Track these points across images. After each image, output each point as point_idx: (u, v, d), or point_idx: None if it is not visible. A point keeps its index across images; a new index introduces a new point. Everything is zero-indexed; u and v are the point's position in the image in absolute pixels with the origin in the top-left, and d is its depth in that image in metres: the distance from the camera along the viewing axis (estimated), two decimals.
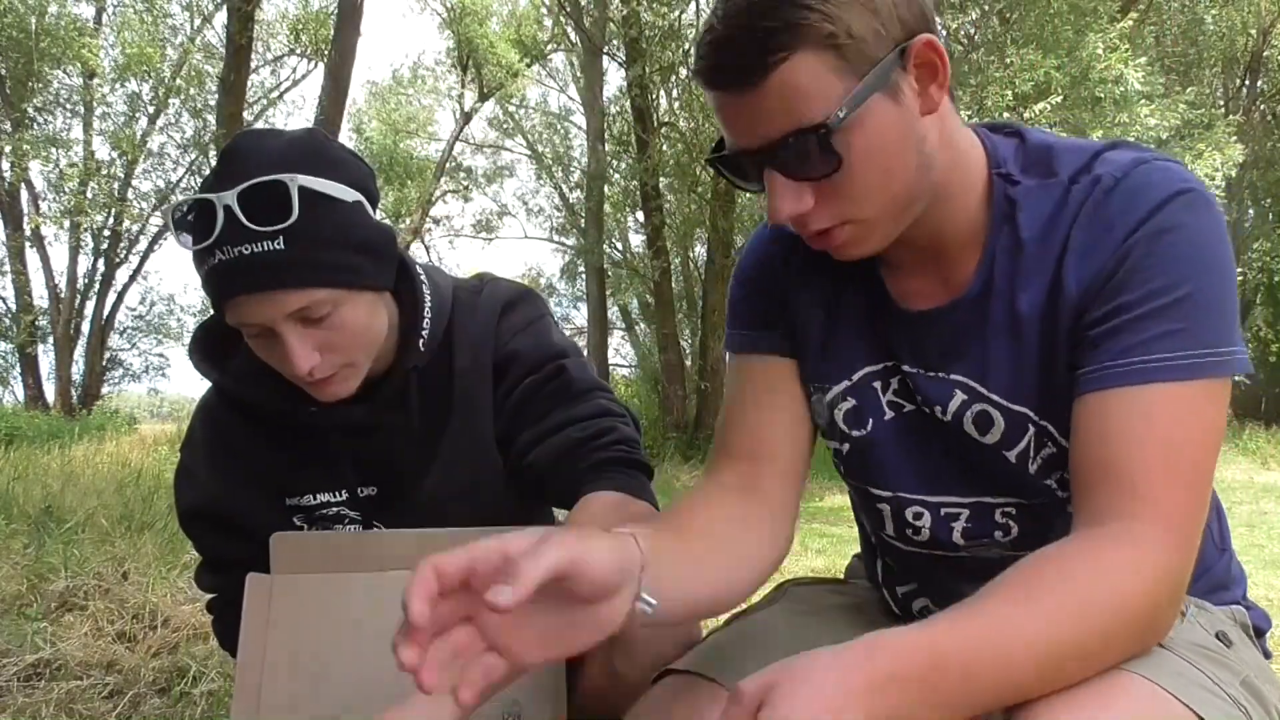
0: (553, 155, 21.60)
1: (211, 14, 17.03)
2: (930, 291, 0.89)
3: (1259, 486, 8.70)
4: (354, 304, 1.04)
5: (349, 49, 10.29)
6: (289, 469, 1.18)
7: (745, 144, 0.80)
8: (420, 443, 1.16)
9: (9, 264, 16.92)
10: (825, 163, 0.77)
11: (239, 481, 1.19)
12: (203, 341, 1.20)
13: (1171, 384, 0.74)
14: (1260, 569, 4.08)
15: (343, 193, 1.03)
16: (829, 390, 0.96)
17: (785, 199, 0.79)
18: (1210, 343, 0.75)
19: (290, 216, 0.97)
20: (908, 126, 0.79)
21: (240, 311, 1.01)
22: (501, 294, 1.22)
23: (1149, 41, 13.00)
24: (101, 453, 8.10)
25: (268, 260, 0.97)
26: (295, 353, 1.00)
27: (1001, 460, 0.88)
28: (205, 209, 0.98)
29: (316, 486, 1.18)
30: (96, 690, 2.16)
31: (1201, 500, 0.75)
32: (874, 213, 0.80)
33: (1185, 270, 0.76)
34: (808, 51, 0.74)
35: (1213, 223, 0.78)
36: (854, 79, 0.75)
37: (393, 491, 1.18)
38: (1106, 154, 0.83)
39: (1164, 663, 0.73)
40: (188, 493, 1.22)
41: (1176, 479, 0.73)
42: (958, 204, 0.85)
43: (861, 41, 0.74)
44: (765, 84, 0.75)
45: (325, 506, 1.19)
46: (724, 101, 0.79)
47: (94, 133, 17.41)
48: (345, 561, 1.09)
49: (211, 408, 1.22)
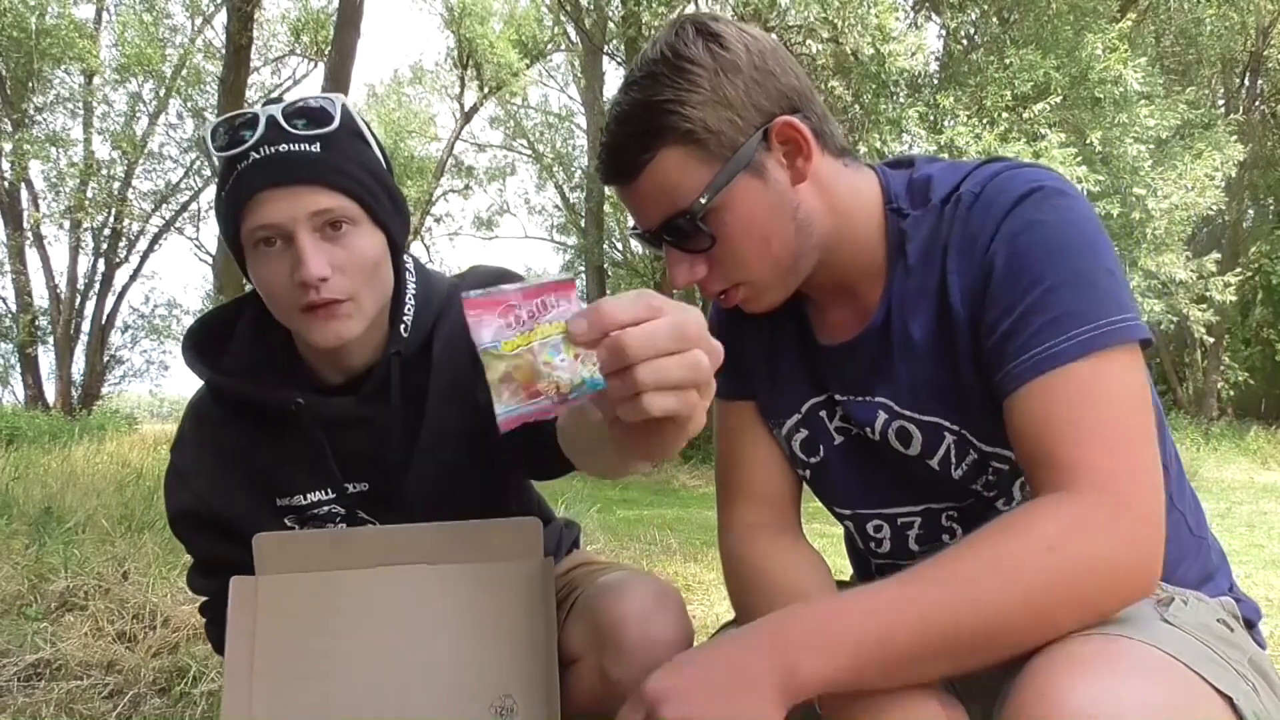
0: (553, 155, 21.61)
1: (212, 14, 17.05)
2: (846, 323, 0.98)
3: (1259, 486, 8.70)
4: (369, 233, 1.06)
5: (349, 49, 10.29)
6: (279, 468, 1.17)
7: (640, 226, 0.94)
8: (403, 434, 1.16)
9: (9, 264, 16.93)
10: (700, 240, 0.89)
11: (229, 483, 1.18)
12: (194, 339, 1.19)
13: (1068, 365, 0.78)
14: (1260, 569, 4.07)
15: (373, 142, 1.10)
16: (784, 424, 1.05)
17: (680, 270, 0.92)
18: (1093, 316, 0.79)
19: (332, 124, 1.03)
20: (778, 198, 0.89)
21: (262, 210, 1.01)
22: (480, 276, 1.22)
23: (1148, 41, 13.00)
24: (102, 453, 8.10)
25: (304, 159, 1.01)
26: (309, 255, 1.00)
27: (926, 469, 0.95)
28: (248, 119, 1.02)
29: (307, 486, 1.18)
30: (96, 690, 2.16)
31: (1135, 460, 0.77)
32: (759, 276, 0.92)
33: (1045, 262, 0.81)
34: (672, 148, 0.86)
35: (1065, 209, 0.84)
36: (717, 164, 0.86)
37: (381, 485, 1.18)
38: (973, 173, 0.90)
39: (1176, 636, 0.75)
40: (177, 494, 1.21)
41: (1099, 444, 0.76)
42: (854, 246, 0.94)
43: (719, 134, 0.86)
44: (641, 178, 0.89)
45: (316, 506, 1.18)
46: (617, 193, 0.94)
47: (94, 132, 17.44)
48: (330, 559, 1.09)
49: (202, 408, 1.21)
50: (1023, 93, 9.87)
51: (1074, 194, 0.85)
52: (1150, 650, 0.70)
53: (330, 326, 1.05)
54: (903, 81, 10.65)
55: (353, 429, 1.15)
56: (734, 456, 1.09)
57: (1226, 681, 0.72)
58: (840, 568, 1.25)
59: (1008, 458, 0.90)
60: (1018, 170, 0.88)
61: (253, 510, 1.17)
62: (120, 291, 17.80)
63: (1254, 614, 0.97)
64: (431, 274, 1.22)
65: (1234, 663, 0.76)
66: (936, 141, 9.81)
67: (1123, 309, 0.80)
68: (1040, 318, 0.80)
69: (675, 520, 5.82)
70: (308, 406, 1.12)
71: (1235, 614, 0.93)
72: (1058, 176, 0.87)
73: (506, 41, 18.31)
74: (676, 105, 0.85)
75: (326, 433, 1.15)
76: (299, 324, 1.07)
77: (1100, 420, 0.77)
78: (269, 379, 1.13)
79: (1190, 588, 0.91)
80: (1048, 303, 0.80)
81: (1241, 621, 0.93)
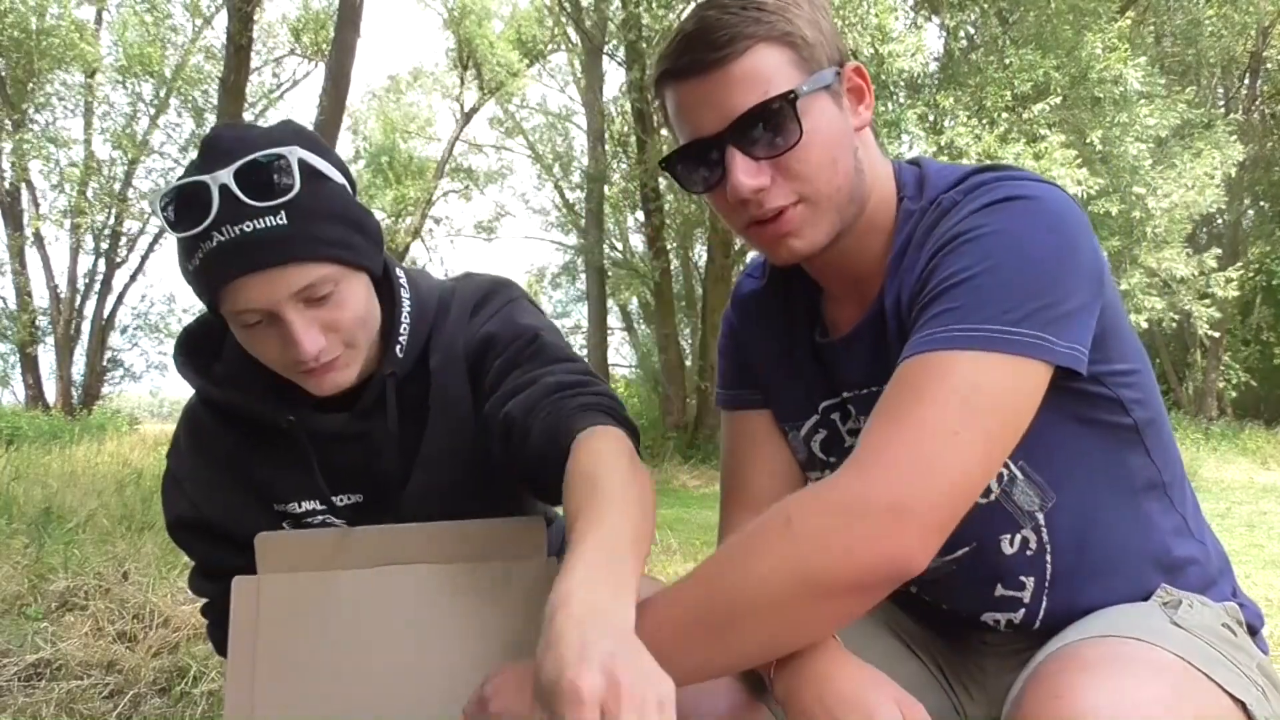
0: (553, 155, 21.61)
1: (212, 15, 17.03)
2: (849, 319, 0.98)
3: (1259, 487, 8.71)
4: (353, 282, 1.02)
5: (349, 49, 10.28)
6: (272, 477, 1.16)
7: (710, 127, 0.87)
8: (401, 449, 1.15)
9: (9, 264, 16.93)
10: (788, 133, 0.85)
11: (225, 489, 1.17)
12: (186, 346, 1.18)
13: (926, 354, 0.77)
14: (1260, 569, 4.07)
15: (333, 173, 1.01)
16: (802, 426, 1.05)
17: (746, 174, 0.86)
18: (985, 319, 0.76)
19: (293, 189, 0.95)
20: (846, 128, 0.90)
21: (240, 295, 0.96)
22: (471, 293, 1.20)
23: (1148, 41, 13.00)
24: (102, 453, 8.11)
25: (271, 236, 0.94)
26: (300, 335, 0.97)
27: None
28: (198, 191, 0.94)
29: (300, 495, 1.17)
30: (97, 690, 2.16)
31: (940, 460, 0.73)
32: (822, 195, 0.88)
33: (975, 259, 0.80)
34: (769, 43, 0.86)
35: (1030, 221, 0.81)
36: (806, 74, 0.87)
37: (376, 499, 1.17)
38: (965, 180, 0.90)
39: (1186, 639, 0.75)
40: (174, 501, 1.20)
41: (911, 431, 0.74)
42: (873, 224, 0.94)
43: (811, 47, 0.88)
44: (735, 63, 0.85)
45: (310, 515, 1.17)
46: (692, 89, 0.88)
47: (94, 132, 17.43)
48: (331, 559, 1.09)
49: (195, 415, 1.20)
50: (1023, 93, 9.86)
51: (1056, 211, 0.82)
52: (1162, 653, 0.70)
53: (328, 379, 1.04)
54: (902, 82, 10.65)
55: (346, 443, 1.14)
56: (738, 464, 1.09)
57: (1238, 685, 0.72)
58: None
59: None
60: (1006, 180, 0.86)
61: (250, 515, 1.16)
62: (120, 291, 17.80)
63: (1257, 619, 0.96)
64: (421, 284, 1.19)
65: (1243, 667, 0.76)
66: (936, 142, 9.80)
67: (1030, 325, 0.76)
68: (935, 307, 0.80)
69: (675, 520, 5.82)
70: (300, 422, 1.11)
71: (1239, 619, 0.92)
72: (1044, 190, 0.84)
73: (506, 42, 18.30)
74: (779, 8, 0.87)
75: (316, 446, 1.13)
76: (296, 379, 1.05)
77: (933, 410, 0.74)
78: (261, 391, 1.11)
79: (1193, 592, 0.90)
80: (960, 292, 0.79)
81: (1245, 627, 0.93)
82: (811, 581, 0.72)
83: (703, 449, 11.31)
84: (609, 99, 15.71)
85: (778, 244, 0.91)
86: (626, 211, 17.57)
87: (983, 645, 1.01)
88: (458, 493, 1.16)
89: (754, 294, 1.10)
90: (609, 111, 15.23)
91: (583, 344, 16.85)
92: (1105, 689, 0.66)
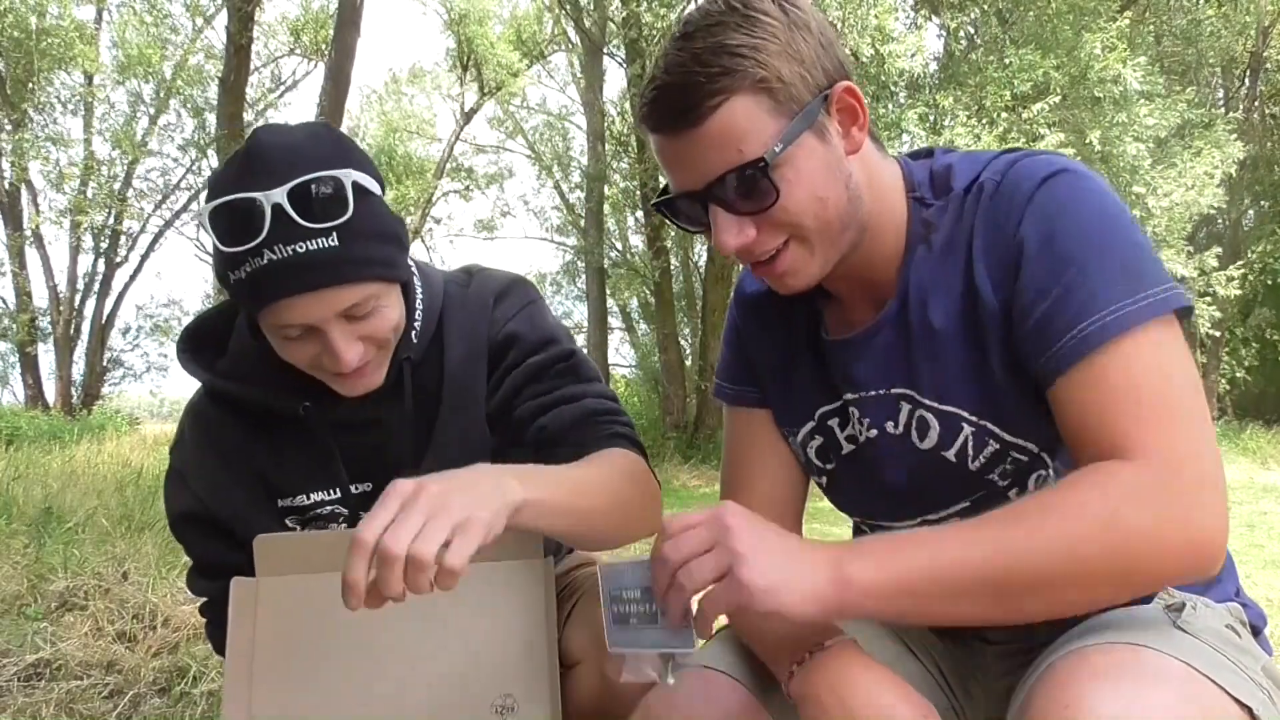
0: (553, 155, 21.60)
1: (212, 15, 17.03)
2: (858, 319, 0.98)
3: (1259, 486, 8.70)
4: (392, 295, 1.06)
5: (349, 49, 10.29)
6: (281, 469, 1.17)
7: (689, 184, 0.87)
8: (414, 435, 1.16)
9: (9, 264, 16.93)
10: (764, 195, 0.84)
11: (229, 484, 1.17)
12: (190, 341, 1.19)
13: (1112, 341, 0.78)
14: (1260, 569, 4.08)
15: (374, 185, 1.03)
16: (799, 432, 1.05)
17: (729, 232, 0.86)
18: (1131, 291, 0.79)
19: (347, 212, 0.96)
20: (836, 163, 0.87)
21: (287, 312, 0.98)
22: (492, 283, 1.22)
23: (1148, 41, 13.00)
24: (102, 453, 8.11)
25: (323, 258, 0.95)
26: (342, 349, 1.00)
27: (941, 462, 0.93)
28: (250, 208, 0.94)
29: (309, 486, 1.18)
30: (96, 690, 2.17)
31: (1187, 432, 0.76)
32: (813, 231, 0.88)
33: (1078, 239, 0.81)
34: (743, 94, 0.82)
35: (1087, 190, 0.84)
36: (785, 119, 0.83)
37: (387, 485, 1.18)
38: (992, 162, 0.90)
39: (1194, 646, 0.75)
40: (177, 496, 1.20)
41: (1148, 416, 0.76)
42: (883, 234, 0.93)
43: (790, 86, 0.83)
44: (706, 124, 0.83)
45: (319, 506, 1.18)
46: (668, 144, 0.87)
47: (94, 132, 17.43)
48: (329, 561, 1.09)
49: (200, 409, 1.20)
50: (1022, 92, 9.86)
51: (1092, 174, 0.86)
52: (1169, 660, 0.71)
53: (359, 383, 1.07)
54: (902, 82, 10.65)
55: (359, 430, 1.15)
56: (738, 461, 1.09)
57: (1244, 690, 0.72)
58: None
59: (1029, 449, 0.89)
60: (1035, 156, 0.88)
61: (253, 511, 1.16)
62: (120, 291, 17.81)
63: (1260, 620, 0.96)
64: (429, 272, 1.22)
65: (1249, 670, 0.76)
66: (936, 143, 9.81)
67: (1157, 280, 0.79)
68: (1076, 297, 0.80)
69: None
70: (316, 410, 1.12)
71: (1243, 620, 0.92)
72: (1073, 161, 0.87)
73: (506, 42, 18.30)
74: (751, 51, 0.82)
75: (333, 433, 1.15)
76: (325, 380, 1.08)
77: (1146, 396, 0.76)
78: (271, 382, 1.12)
79: (1196, 593, 0.90)
80: (1082, 282, 0.80)
81: (1248, 628, 0.92)
82: (1132, 573, 0.73)
83: (703, 449, 11.30)
84: (609, 99, 15.72)
85: (777, 282, 0.93)
86: (626, 211, 17.57)
87: (983, 645, 1.01)
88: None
89: (755, 294, 1.10)
90: (609, 111, 15.23)
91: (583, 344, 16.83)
92: (1115, 698, 0.67)
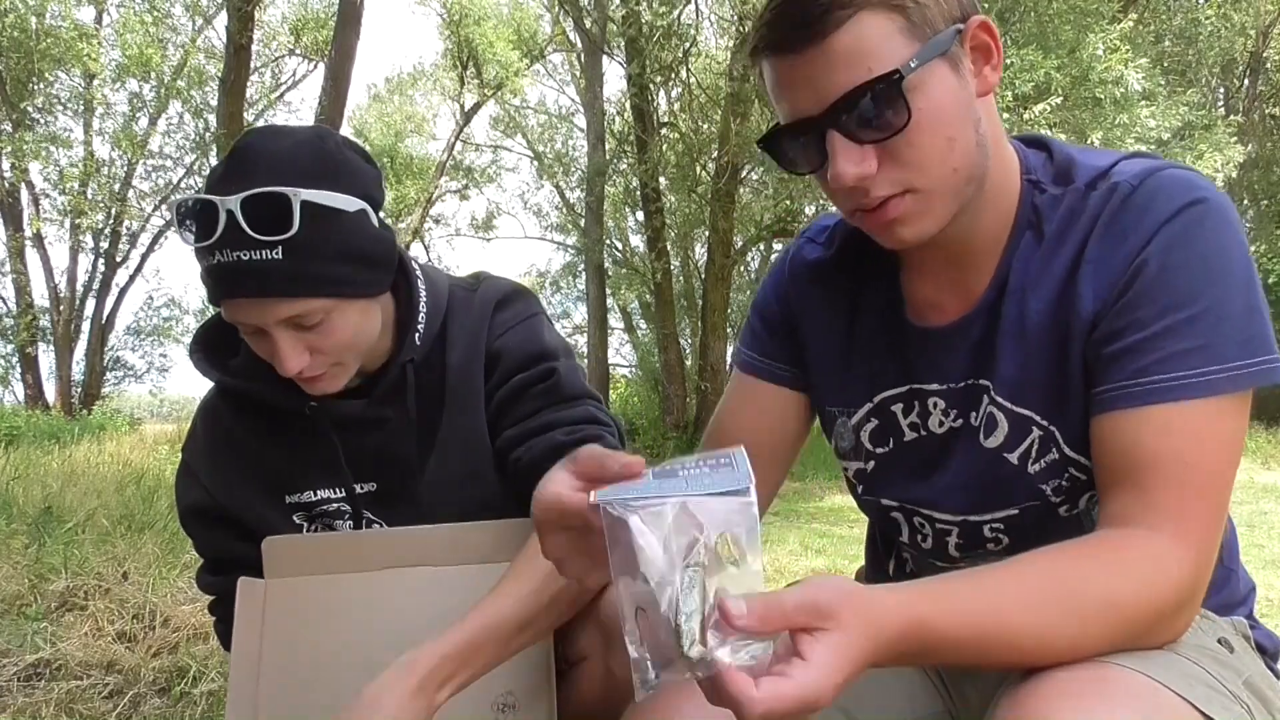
0: (553, 155, 21.61)
1: (213, 15, 17.02)
2: (947, 305, 0.91)
3: (1259, 487, 8.71)
4: (345, 311, 1.06)
5: (349, 49, 10.29)
6: (289, 465, 1.19)
7: (810, 108, 0.79)
8: (417, 436, 1.18)
9: (9, 264, 16.92)
10: (895, 117, 0.77)
11: (239, 479, 1.20)
12: (203, 341, 1.22)
13: (1190, 402, 0.74)
14: (1260, 569, 4.08)
15: (345, 203, 1.04)
16: (854, 414, 0.99)
17: (850, 160, 0.78)
18: (1230, 357, 0.75)
19: (290, 229, 0.99)
20: (967, 99, 0.80)
21: (235, 312, 1.05)
22: (495, 291, 1.23)
23: (1149, 42, 13.00)
24: (102, 453, 8.10)
25: (264, 269, 0.99)
26: (284, 354, 1.04)
27: (1002, 463, 0.89)
28: (209, 210, 1.00)
29: (316, 483, 1.19)
30: (96, 690, 2.16)
31: (1218, 511, 0.76)
32: (935, 183, 0.80)
33: (1200, 284, 0.76)
34: (875, 10, 0.76)
35: (1228, 231, 0.78)
36: (918, 43, 0.77)
37: (392, 486, 1.19)
38: (1123, 163, 0.84)
39: (1167, 661, 0.73)
40: (188, 491, 1.23)
41: (1193, 492, 0.74)
42: (995, 205, 0.86)
43: (925, 8, 0.77)
44: (834, 38, 0.76)
45: (325, 503, 1.20)
46: (789, 66, 0.79)
47: (94, 132, 17.43)
48: (337, 563, 1.10)
49: (213, 407, 1.24)
50: (1023, 93, 9.87)
51: (1230, 208, 0.80)
52: (1137, 677, 0.69)
53: (317, 386, 1.10)
54: None
55: (364, 430, 1.17)
56: (728, 424, 1.06)
57: (1216, 705, 0.70)
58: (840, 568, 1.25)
59: (1089, 468, 0.85)
60: (1178, 174, 0.81)
61: (262, 506, 1.19)
62: (120, 291, 17.81)
63: (1269, 641, 0.94)
64: (434, 277, 1.23)
65: (1227, 684, 0.75)
66: None
67: (1260, 350, 0.75)
68: (1176, 344, 0.75)
69: None
70: (321, 409, 1.15)
71: (1246, 634, 0.90)
72: (1212, 185, 0.81)
73: (506, 42, 18.30)
74: None
75: (337, 432, 1.16)
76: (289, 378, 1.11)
77: (1201, 469, 0.74)
78: (279, 380, 1.14)
79: (1207, 609, 0.89)
80: (1189, 330, 0.75)
81: (1252, 644, 0.90)
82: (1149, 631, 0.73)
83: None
84: (609, 98, 15.73)
85: (885, 232, 0.84)
86: (626, 211, 17.58)
87: None
88: (471, 482, 1.18)
89: (818, 263, 1.02)
90: (609, 111, 15.23)
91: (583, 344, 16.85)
92: (1077, 716, 0.66)
